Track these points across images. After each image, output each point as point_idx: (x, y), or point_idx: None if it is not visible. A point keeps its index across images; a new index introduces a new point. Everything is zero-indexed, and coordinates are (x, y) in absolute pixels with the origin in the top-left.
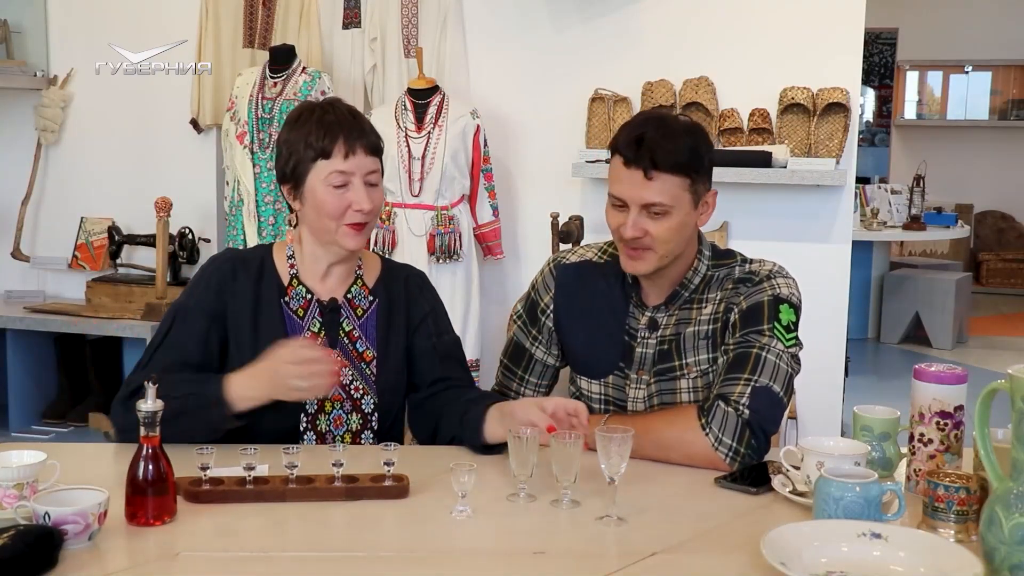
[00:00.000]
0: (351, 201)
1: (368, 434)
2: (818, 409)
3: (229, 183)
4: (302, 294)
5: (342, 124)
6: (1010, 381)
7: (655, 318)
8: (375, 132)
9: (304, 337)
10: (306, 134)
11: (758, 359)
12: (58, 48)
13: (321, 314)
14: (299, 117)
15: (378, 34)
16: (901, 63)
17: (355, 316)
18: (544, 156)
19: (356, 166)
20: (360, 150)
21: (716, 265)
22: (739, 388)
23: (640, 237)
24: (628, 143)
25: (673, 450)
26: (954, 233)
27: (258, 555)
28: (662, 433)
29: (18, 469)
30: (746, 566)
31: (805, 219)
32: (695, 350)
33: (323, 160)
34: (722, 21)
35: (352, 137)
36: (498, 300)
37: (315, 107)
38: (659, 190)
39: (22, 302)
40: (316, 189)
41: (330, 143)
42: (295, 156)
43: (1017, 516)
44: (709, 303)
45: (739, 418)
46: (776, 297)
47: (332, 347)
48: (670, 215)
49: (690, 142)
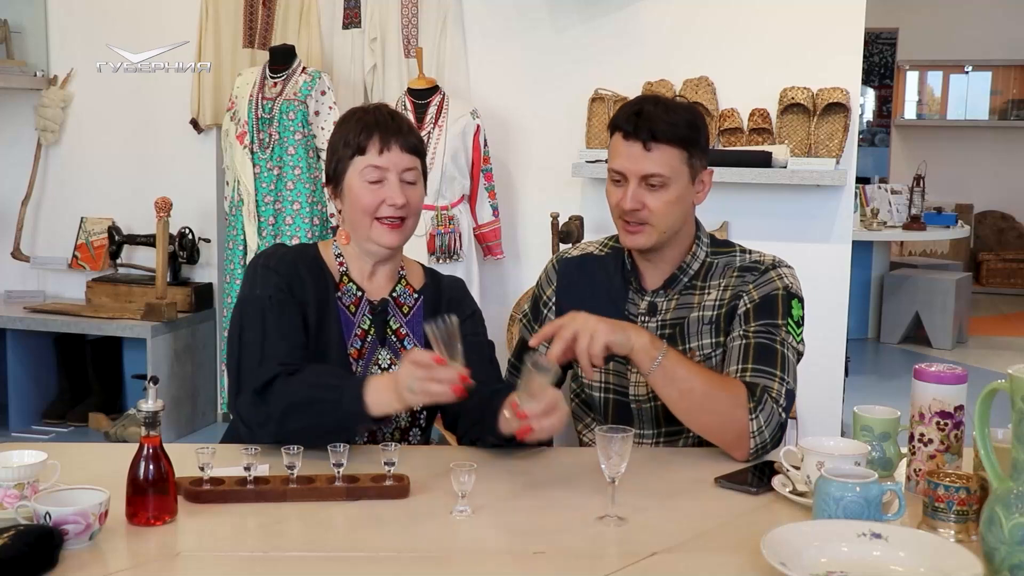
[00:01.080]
0: (385, 196)
1: (416, 431)
2: (818, 409)
3: (229, 183)
4: (353, 291)
5: (380, 123)
6: (1010, 381)
7: (654, 302)
8: (415, 134)
9: (355, 335)
10: (346, 132)
11: (784, 358)
12: (58, 48)
13: (371, 312)
14: (342, 121)
15: (378, 34)
16: (901, 63)
17: (402, 314)
18: (544, 156)
19: (391, 162)
20: (396, 147)
21: (716, 253)
22: (776, 385)
23: (638, 210)
24: (627, 117)
25: (714, 413)
26: (954, 233)
27: (258, 555)
28: (716, 391)
29: (18, 469)
30: (746, 566)
31: (805, 219)
32: (699, 335)
33: (359, 156)
34: (722, 21)
35: (388, 134)
36: (498, 300)
37: (359, 109)
38: (658, 161)
39: (22, 302)
40: (353, 185)
41: (366, 139)
42: (336, 155)
43: (1017, 516)
44: (713, 289)
45: (780, 419)
46: (788, 291)
47: (381, 345)
48: (668, 187)
49: (688, 116)
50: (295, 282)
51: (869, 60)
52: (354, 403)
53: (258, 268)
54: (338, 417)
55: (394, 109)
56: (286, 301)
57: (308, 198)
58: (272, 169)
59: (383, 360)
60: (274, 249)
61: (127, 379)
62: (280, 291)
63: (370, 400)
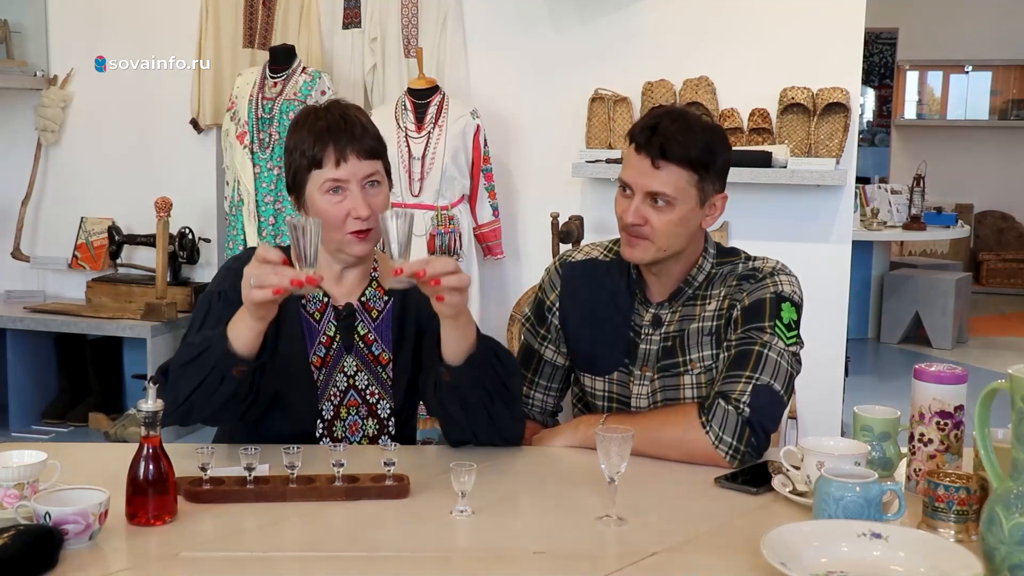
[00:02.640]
0: (349, 208)
1: (385, 439)
2: (818, 409)
3: (229, 183)
4: (318, 298)
5: (332, 130)
6: (1010, 381)
7: (659, 315)
8: (370, 134)
9: (319, 342)
10: (300, 142)
11: (760, 357)
12: (58, 48)
13: (336, 318)
14: (295, 124)
15: (378, 34)
16: (901, 63)
17: (370, 319)
18: (544, 156)
19: (350, 172)
20: (352, 155)
21: (720, 263)
22: (740, 386)
23: (640, 225)
24: (643, 129)
25: (674, 449)
26: (954, 233)
27: (258, 555)
28: (662, 432)
29: (18, 469)
30: (746, 566)
31: (805, 219)
32: (699, 346)
33: (316, 169)
34: (722, 21)
35: (342, 143)
36: (498, 300)
37: (310, 113)
38: (664, 180)
39: (22, 302)
40: (315, 199)
41: (320, 151)
42: (293, 165)
43: (1017, 516)
44: (713, 299)
45: (739, 416)
46: (778, 295)
47: (348, 352)
48: (672, 207)
49: (705, 139)
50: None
51: (869, 60)
52: (220, 343)
53: (227, 268)
54: (213, 364)
55: (347, 106)
56: (236, 301)
57: None
58: (272, 169)
59: (348, 367)
60: (246, 252)
61: (127, 379)
62: (235, 290)
63: (231, 333)
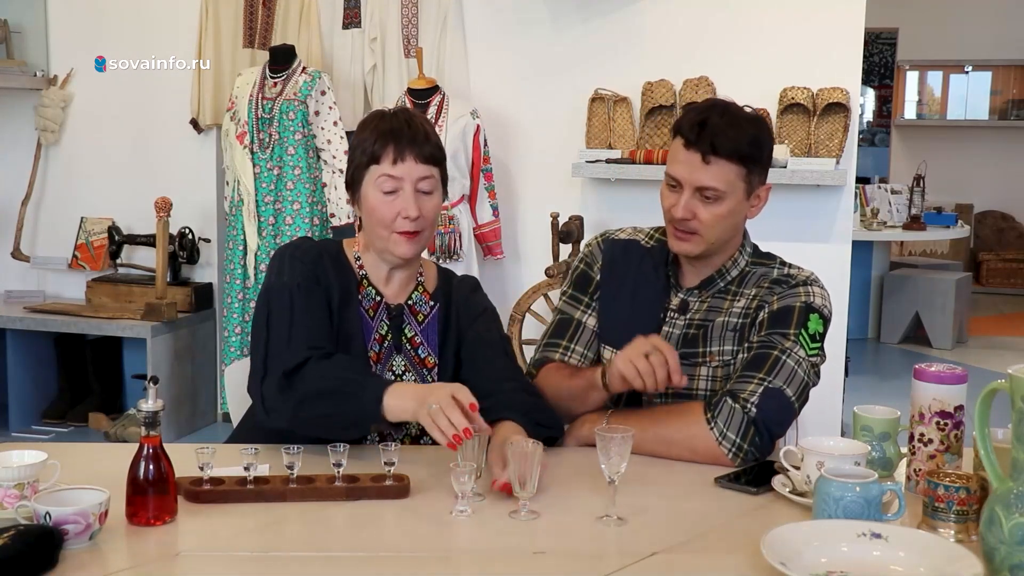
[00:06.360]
0: (400, 208)
1: (428, 439)
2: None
3: (229, 183)
4: (372, 295)
5: (395, 131)
6: (1010, 381)
7: (687, 300)
8: (432, 142)
9: (374, 338)
10: (363, 140)
11: (776, 361)
12: (58, 48)
13: (389, 318)
14: (363, 124)
15: (378, 34)
16: (901, 63)
17: (416, 322)
18: (544, 156)
19: (405, 172)
20: (411, 157)
21: (756, 263)
22: (751, 387)
23: (689, 219)
24: (691, 125)
25: (677, 445)
26: (954, 233)
27: (258, 555)
28: (667, 427)
29: (19, 469)
30: (746, 566)
31: (805, 219)
32: (721, 340)
33: (374, 165)
34: (722, 21)
35: (402, 143)
36: (498, 300)
37: (377, 114)
38: (715, 175)
39: (22, 302)
40: (368, 194)
41: (380, 148)
42: (354, 162)
43: (1017, 516)
44: (743, 297)
45: (745, 415)
46: (808, 305)
47: (397, 352)
48: (722, 201)
49: (753, 132)
50: (320, 272)
51: (869, 60)
52: (373, 402)
53: (285, 258)
54: (354, 412)
55: (414, 114)
56: (313, 289)
57: (308, 198)
58: (272, 169)
59: (397, 367)
60: (301, 241)
61: (127, 379)
62: (307, 279)
63: (389, 403)
